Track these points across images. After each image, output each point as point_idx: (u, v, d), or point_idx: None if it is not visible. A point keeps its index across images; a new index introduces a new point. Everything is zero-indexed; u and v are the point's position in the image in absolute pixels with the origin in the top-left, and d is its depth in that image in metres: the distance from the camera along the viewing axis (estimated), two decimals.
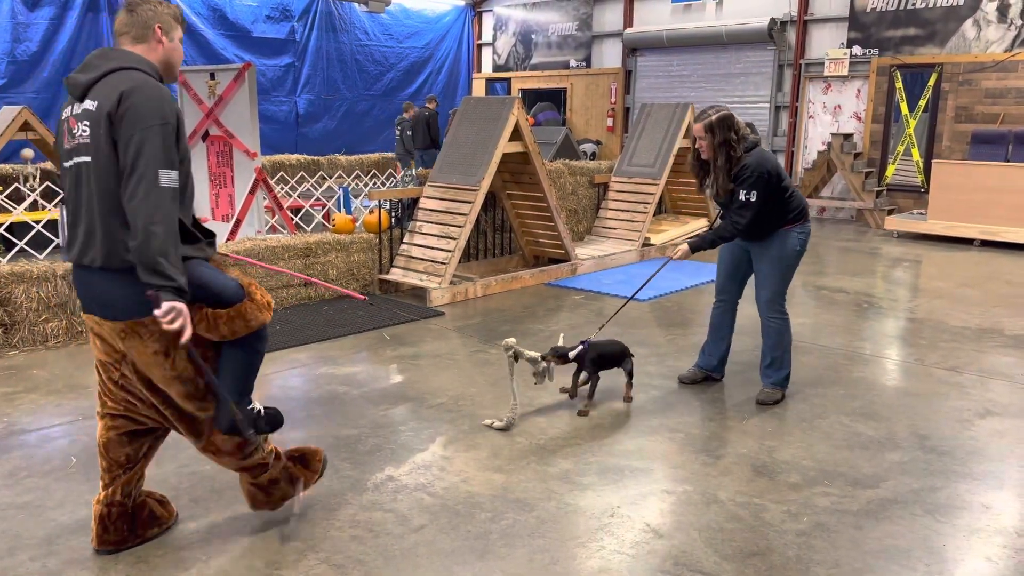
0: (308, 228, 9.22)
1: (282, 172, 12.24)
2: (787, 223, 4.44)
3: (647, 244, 9.24)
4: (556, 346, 4.43)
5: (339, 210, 10.00)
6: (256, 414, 2.94)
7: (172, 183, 2.53)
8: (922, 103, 12.17)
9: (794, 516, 3.29)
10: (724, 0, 14.33)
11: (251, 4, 15.07)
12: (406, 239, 7.46)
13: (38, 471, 3.61)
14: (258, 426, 2.94)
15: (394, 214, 7.83)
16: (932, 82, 12.01)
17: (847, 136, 12.51)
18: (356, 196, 11.25)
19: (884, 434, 4.17)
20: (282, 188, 11.42)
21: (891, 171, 12.61)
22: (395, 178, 12.86)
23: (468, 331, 6.07)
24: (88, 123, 2.59)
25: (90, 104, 2.60)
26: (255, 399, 2.98)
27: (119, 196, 2.55)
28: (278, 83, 15.87)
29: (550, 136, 14.70)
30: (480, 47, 18.88)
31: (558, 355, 4.34)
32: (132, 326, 2.67)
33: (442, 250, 7.11)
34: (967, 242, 10.43)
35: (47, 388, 4.69)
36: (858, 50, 12.77)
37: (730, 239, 4.47)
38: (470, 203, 7.17)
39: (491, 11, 18.32)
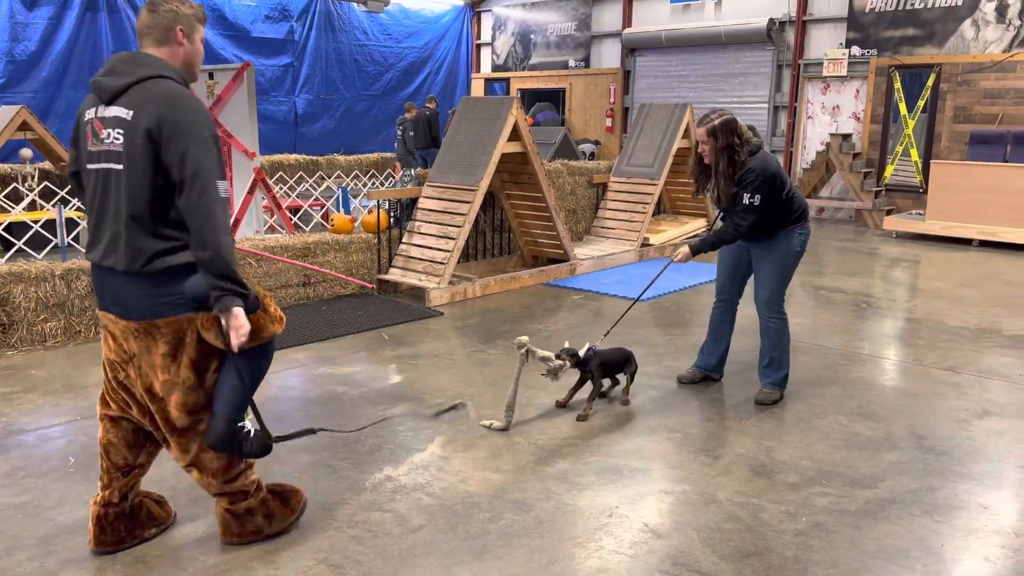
0: (307, 228, 9.22)
1: (281, 172, 12.24)
2: (788, 224, 4.45)
3: (646, 244, 9.25)
4: (567, 347, 4.41)
5: (338, 210, 9.99)
6: (246, 434, 2.85)
7: (225, 193, 2.63)
8: (920, 103, 12.18)
9: (792, 516, 3.30)
10: (723, 0, 14.34)
11: (250, 4, 15.07)
12: (405, 239, 7.46)
13: (36, 471, 3.61)
14: (245, 447, 2.84)
15: (393, 214, 7.83)
16: (931, 82, 12.02)
17: (846, 136, 12.52)
18: (355, 196, 11.25)
19: (882, 434, 4.18)
20: (281, 188, 11.42)
21: (890, 171, 12.62)
22: (394, 178, 12.86)
23: (467, 331, 6.07)
24: (122, 132, 2.62)
25: (122, 112, 2.62)
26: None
27: (148, 205, 2.61)
28: (277, 83, 15.88)
29: (549, 136, 14.71)
30: (479, 47, 18.88)
31: (571, 355, 4.32)
32: (147, 326, 2.71)
33: (441, 250, 7.11)
34: (965, 242, 10.44)
35: (45, 388, 4.69)
36: (857, 50, 12.78)
37: (731, 241, 4.47)
38: (469, 203, 7.17)
39: (490, 11, 18.33)
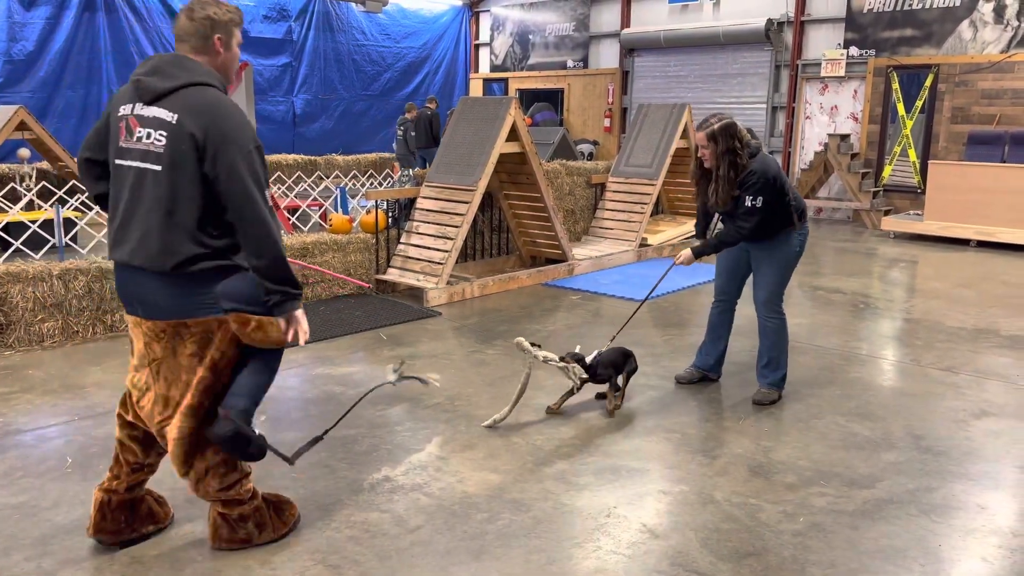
0: (305, 228, 9.21)
1: (279, 172, 12.23)
2: (788, 225, 4.45)
3: (644, 244, 9.25)
4: (575, 352, 4.37)
5: (336, 210, 9.99)
6: (252, 436, 2.83)
7: (268, 201, 2.71)
8: (919, 104, 12.19)
9: (790, 516, 3.30)
10: (721, 1, 14.35)
11: (248, 4, 15.05)
12: (403, 239, 7.46)
13: (33, 471, 3.61)
14: (248, 449, 2.83)
15: (391, 214, 7.83)
16: (929, 83, 12.03)
17: (844, 137, 12.53)
18: (353, 196, 11.24)
19: (880, 434, 4.18)
20: (279, 188, 11.41)
21: (888, 172, 12.63)
22: (392, 178, 12.85)
23: (465, 331, 6.07)
24: (165, 135, 2.63)
25: (165, 114, 2.64)
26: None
27: (188, 210, 2.64)
28: (275, 83, 15.86)
29: (547, 136, 14.71)
30: (477, 47, 18.88)
31: (576, 359, 4.29)
32: (174, 326, 2.72)
33: (439, 250, 7.10)
34: (963, 243, 10.45)
35: (43, 388, 4.68)
36: (855, 51, 12.79)
37: (734, 244, 4.47)
38: (467, 203, 7.17)
39: (488, 11, 18.32)
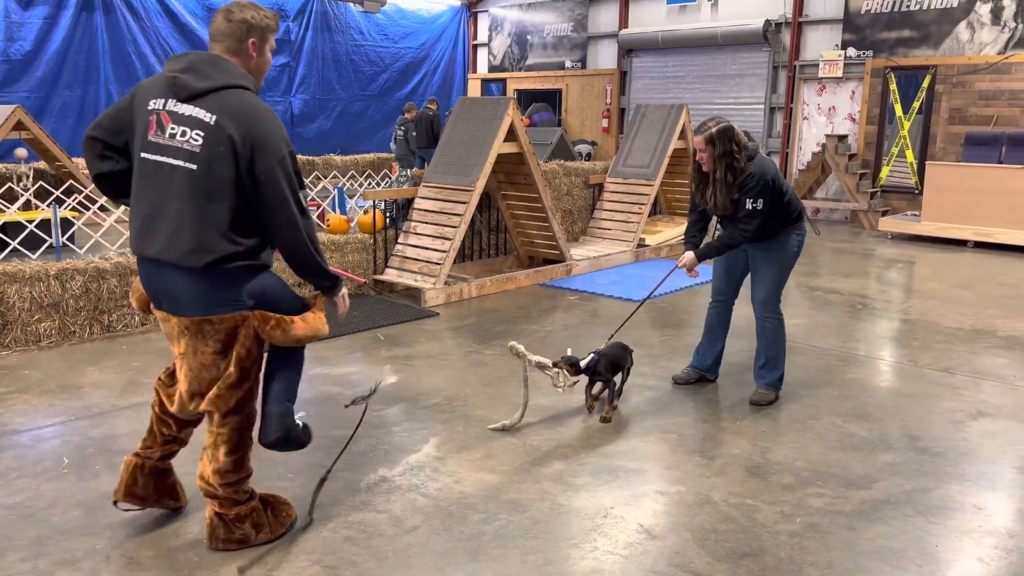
0: None
1: None
2: (787, 225, 4.46)
3: (642, 245, 9.25)
4: (568, 356, 4.36)
5: (334, 210, 9.98)
6: (298, 427, 3.03)
7: (303, 202, 2.79)
8: (916, 105, 12.20)
9: (787, 517, 3.30)
10: (719, 1, 14.36)
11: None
12: (401, 239, 7.46)
13: (30, 472, 3.60)
14: (301, 438, 3.03)
15: (389, 214, 7.83)
16: (926, 84, 12.04)
17: (841, 137, 12.54)
18: (351, 196, 11.24)
19: (877, 435, 4.18)
20: None
21: (885, 172, 12.64)
22: (390, 178, 12.85)
23: (462, 332, 6.07)
24: (202, 135, 2.66)
25: (202, 114, 2.67)
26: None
27: (223, 210, 2.68)
28: (273, 83, 15.85)
29: (545, 137, 14.70)
30: (475, 47, 18.88)
31: (569, 364, 4.25)
32: (199, 323, 2.76)
33: (437, 250, 7.10)
34: (961, 243, 10.46)
35: (39, 388, 4.67)
36: (852, 52, 12.80)
37: (737, 246, 4.47)
38: (465, 203, 7.17)
39: (486, 12, 18.32)
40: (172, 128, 2.69)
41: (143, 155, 2.75)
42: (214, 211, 2.68)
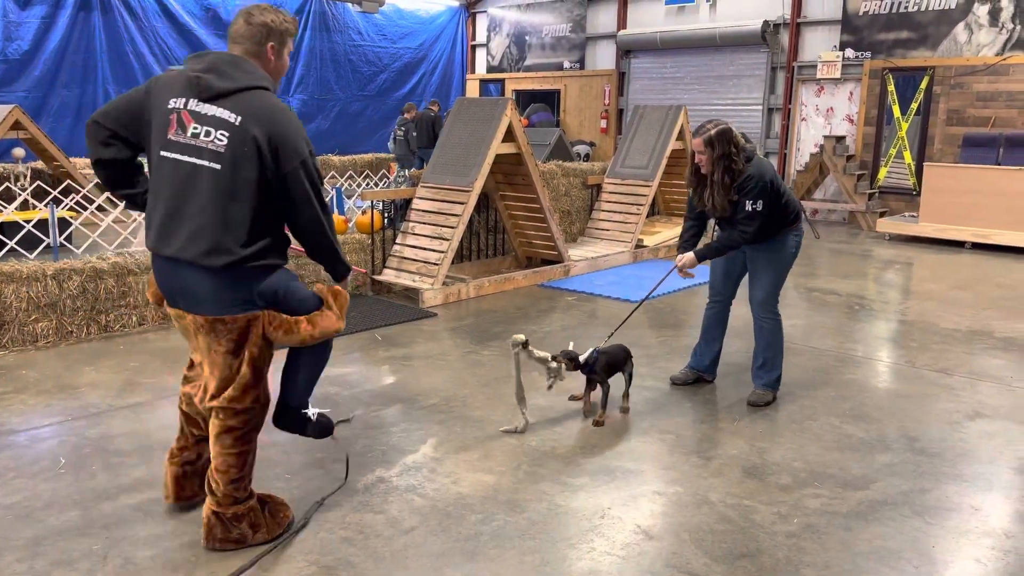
0: None
1: None
2: (785, 226, 4.46)
3: (640, 246, 9.25)
4: (567, 351, 4.35)
5: (332, 211, 9.97)
6: (307, 419, 3.17)
7: (324, 200, 2.86)
8: (914, 106, 12.22)
9: (784, 518, 3.30)
10: (717, 2, 14.37)
11: (245, 3, 15.05)
12: (399, 240, 7.45)
13: (26, 472, 3.59)
14: (307, 430, 3.15)
15: (387, 215, 7.82)
16: (924, 85, 12.06)
17: (839, 138, 12.56)
18: (349, 197, 11.23)
19: (874, 436, 4.18)
20: None
21: (883, 174, 12.65)
22: (388, 179, 12.85)
23: (460, 332, 6.07)
24: (227, 135, 2.68)
25: (227, 115, 2.68)
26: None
27: (245, 210, 2.71)
28: None
29: (543, 137, 14.71)
30: (474, 48, 18.88)
31: (569, 358, 4.25)
32: (212, 322, 2.78)
33: (435, 251, 7.10)
34: (958, 244, 10.47)
35: (36, 388, 4.67)
36: (851, 53, 12.82)
37: (737, 248, 4.47)
38: (463, 204, 7.16)
39: (485, 12, 18.33)
40: (195, 128, 2.69)
41: (163, 153, 2.75)
42: (235, 211, 2.70)
